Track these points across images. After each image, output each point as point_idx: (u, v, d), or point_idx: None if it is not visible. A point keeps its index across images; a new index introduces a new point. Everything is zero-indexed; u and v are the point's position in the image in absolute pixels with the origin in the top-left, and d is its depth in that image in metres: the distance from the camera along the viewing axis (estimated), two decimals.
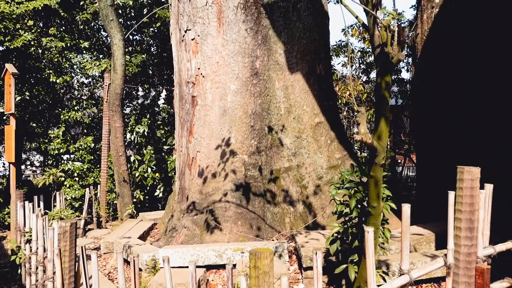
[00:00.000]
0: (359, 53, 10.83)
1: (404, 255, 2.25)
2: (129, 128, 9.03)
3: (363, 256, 2.63)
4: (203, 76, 5.00)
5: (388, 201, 2.81)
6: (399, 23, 2.35)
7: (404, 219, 2.23)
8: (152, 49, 11.24)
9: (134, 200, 7.49)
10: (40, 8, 9.06)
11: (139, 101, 11.34)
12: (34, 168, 14.51)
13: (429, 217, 4.61)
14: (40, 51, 9.67)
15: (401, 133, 11.24)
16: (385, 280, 2.90)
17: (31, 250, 4.40)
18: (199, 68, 5.03)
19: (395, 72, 10.14)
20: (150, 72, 10.46)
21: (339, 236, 3.09)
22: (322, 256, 2.24)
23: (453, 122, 5.21)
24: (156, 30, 10.91)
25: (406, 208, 2.23)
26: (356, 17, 2.47)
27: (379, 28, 2.30)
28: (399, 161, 10.74)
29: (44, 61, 9.83)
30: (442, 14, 5.70)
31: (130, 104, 11.64)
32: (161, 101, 11.10)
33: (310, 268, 3.54)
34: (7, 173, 12.72)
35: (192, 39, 5.09)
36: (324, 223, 4.57)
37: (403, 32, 2.34)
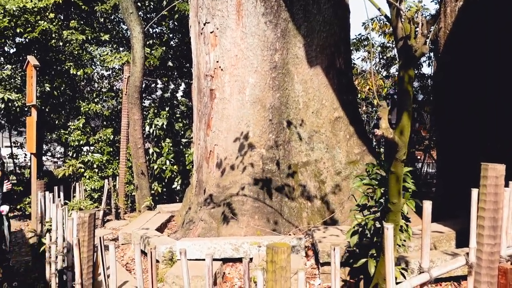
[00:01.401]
0: (379, 47, 10.66)
1: (424, 253, 2.21)
2: (148, 121, 9.09)
3: (381, 252, 2.59)
4: (222, 69, 4.98)
5: (412, 196, 2.76)
6: (423, 15, 2.29)
7: (425, 217, 2.18)
8: (171, 42, 11.26)
9: (153, 192, 7.56)
10: (60, 1, 9.16)
11: (158, 94, 11.41)
12: (55, 159, 14.75)
13: (450, 214, 4.54)
14: (61, 43, 9.79)
15: (421, 129, 11.05)
16: (404, 277, 2.85)
17: (51, 240, 4.47)
18: (217, 61, 5.01)
19: (416, 67, 9.96)
20: (170, 64, 10.49)
21: (360, 229, 3.05)
22: (339, 252, 2.20)
23: (474, 116, 5.10)
24: (175, 23, 10.94)
25: (427, 205, 2.18)
26: (379, 9, 2.41)
27: (402, 21, 2.24)
28: (419, 157, 10.57)
29: (65, 53, 9.95)
30: (465, 8, 5.56)
31: (149, 97, 11.72)
32: (180, 94, 11.14)
33: (327, 263, 3.51)
34: (29, 163, 12.98)
35: (211, 32, 5.07)
36: (342, 219, 4.52)
37: (426, 25, 2.28)
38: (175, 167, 8.86)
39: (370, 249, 2.92)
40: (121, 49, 11.25)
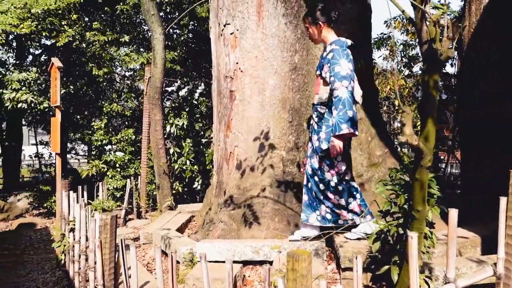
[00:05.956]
0: (402, 46, 10.48)
1: (450, 263, 2.15)
2: (169, 121, 9.17)
3: (405, 260, 2.54)
4: (242, 71, 4.97)
5: (437, 202, 2.70)
6: (448, 16, 2.23)
7: (451, 224, 2.13)
8: (191, 43, 11.34)
9: (174, 192, 7.62)
10: (82, 1, 9.30)
11: (179, 94, 11.50)
12: (79, 157, 15.07)
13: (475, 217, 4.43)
14: (84, 45, 9.96)
15: (444, 128, 10.83)
16: (428, 285, 2.79)
17: (74, 239, 4.55)
18: (237, 63, 5.00)
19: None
20: (190, 65, 10.56)
21: (382, 235, 3.00)
22: (361, 258, 2.17)
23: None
24: (195, 24, 11.02)
25: (454, 213, 2.12)
26: (403, 12, 2.35)
27: (427, 23, 2.18)
28: (442, 157, 10.37)
29: (87, 55, 10.12)
30: (491, 6, 5.41)
31: (170, 97, 11.83)
32: (199, 94, 11.21)
33: (349, 269, 3.46)
34: (54, 161, 13.29)
35: (231, 33, 5.06)
36: None
37: (453, 28, 2.21)
38: (195, 167, 8.91)
39: (393, 256, 2.86)
40: (141, 50, 11.38)
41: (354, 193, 3.87)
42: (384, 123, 5.85)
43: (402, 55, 10.51)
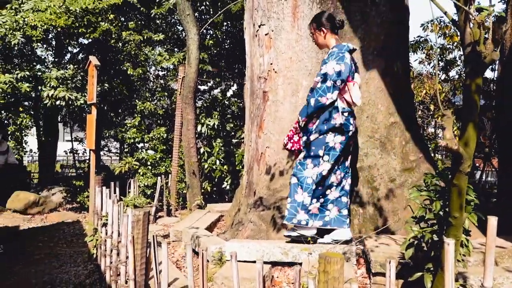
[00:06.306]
0: (439, 49, 10.24)
1: (488, 272, 2.08)
2: (200, 121, 9.26)
3: (440, 268, 2.47)
4: (275, 72, 4.97)
5: (473, 209, 2.62)
6: (494, 19, 2.16)
7: (490, 233, 2.06)
8: (224, 44, 11.42)
9: (202, 191, 7.68)
10: (120, 3, 9.53)
11: (211, 94, 11.61)
12: (111, 154, 15.44)
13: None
14: (120, 44, 10.19)
15: (481, 135, 10.49)
16: None
17: (106, 234, 4.65)
18: (271, 64, 5.01)
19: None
20: (216, 66, 10.66)
21: (415, 241, 2.94)
22: (395, 265, 2.12)
23: None
24: (228, 24, 11.09)
25: (493, 221, 2.05)
26: (445, 13, 2.29)
27: (471, 26, 2.12)
28: (478, 165, 10.05)
29: (123, 54, 10.35)
30: None
31: (202, 97, 11.96)
32: (231, 94, 11.27)
33: (379, 274, 3.40)
34: (87, 157, 13.65)
35: (266, 34, 5.07)
36: (395, 228, 4.37)
37: (498, 30, 2.14)
38: (225, 167, 8.96)
39: (427, 263, 2.79)
40: (175, 49, 11.55)
41: (320, 197, 4.01)
42: (419, 128, 5.72)
43: (439, 59, 10.27)
